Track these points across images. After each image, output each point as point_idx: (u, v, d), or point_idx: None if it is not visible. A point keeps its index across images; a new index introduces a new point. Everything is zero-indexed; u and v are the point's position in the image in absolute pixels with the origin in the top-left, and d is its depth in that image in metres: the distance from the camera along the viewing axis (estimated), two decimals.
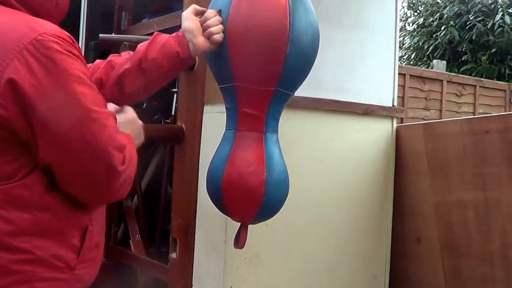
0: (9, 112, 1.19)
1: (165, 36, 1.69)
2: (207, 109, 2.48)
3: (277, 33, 1.71)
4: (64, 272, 1.31)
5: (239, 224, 1.96)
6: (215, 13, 1.73)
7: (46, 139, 1.23)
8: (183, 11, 2.51)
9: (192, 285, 2.48)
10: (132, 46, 2.68)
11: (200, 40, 1.71)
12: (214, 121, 2.43)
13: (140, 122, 1.56)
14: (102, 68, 1.63)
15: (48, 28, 1.24)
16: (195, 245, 2.49)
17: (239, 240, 1.94)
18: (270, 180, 1.83)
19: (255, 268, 2.42)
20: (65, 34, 1.26)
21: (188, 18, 1.73)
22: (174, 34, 1.70)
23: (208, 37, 1.72)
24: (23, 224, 1.24)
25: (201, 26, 1.72)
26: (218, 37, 1.72)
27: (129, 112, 1.53)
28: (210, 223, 2.42)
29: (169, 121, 3.12)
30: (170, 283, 2.61)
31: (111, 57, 1.68)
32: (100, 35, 2.76)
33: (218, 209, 1.95)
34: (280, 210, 1.95)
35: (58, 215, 1.29)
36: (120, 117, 1.46)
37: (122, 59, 1.65)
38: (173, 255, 2.57)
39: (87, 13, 3.02)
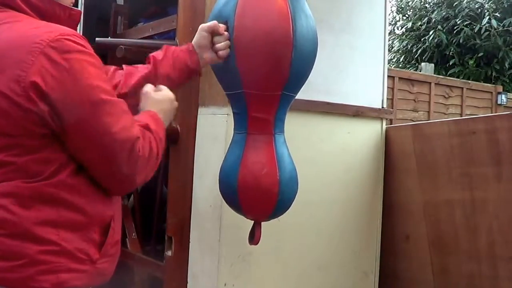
0: (39, 108, 1.25)
1: (175, 50, 1.82)
2: (201, 110, 2.50)
3: (282, 41, 1.76)
4: (86, 265, 1.36)
5: (254, 222, 2.01)
6: (224, 28, 1.82)
7: (72, 132, 1.31)
8: (178, 15, 2.58)
9: (187, 282, 2.50)
10: (128, 49, 2.74)
11: (208, 55, 1.84)
12: (208, 123, 2.46)
13: (175, 102, 1.70)
14: (118, 76, 1.74)
15: (65, 29, 1.32)
16: (190, 243, 2.50)
17: (254, 237, 1.98)
18: (282, 180, 1.88)
19: (248, 266, 2.43)
20: (79, 35, 1.35)
21: (200, 33, 1.84)
22: (184, 48, 1.83)
23: (216, 51, 1.83)
24: (49, 218, 1.30)
25: (211, 40, 1.83)
26: (224, 53, 1.82)
27: (165, 91, 1.66)
28: (205, 222, 2.44)
29: None
30: (166, 280, 2.63)
31: (127, 68, 1.79)
32: (97, 39, 2.79)
33: (233, 209, 1.99)
34: None
35: (82, 211, 1.35)
36: (157, 95, 1.62)
37: (137, 71, 1.76)
38: (169, 253, 2.59)
39: (83, 17, 3.05)
